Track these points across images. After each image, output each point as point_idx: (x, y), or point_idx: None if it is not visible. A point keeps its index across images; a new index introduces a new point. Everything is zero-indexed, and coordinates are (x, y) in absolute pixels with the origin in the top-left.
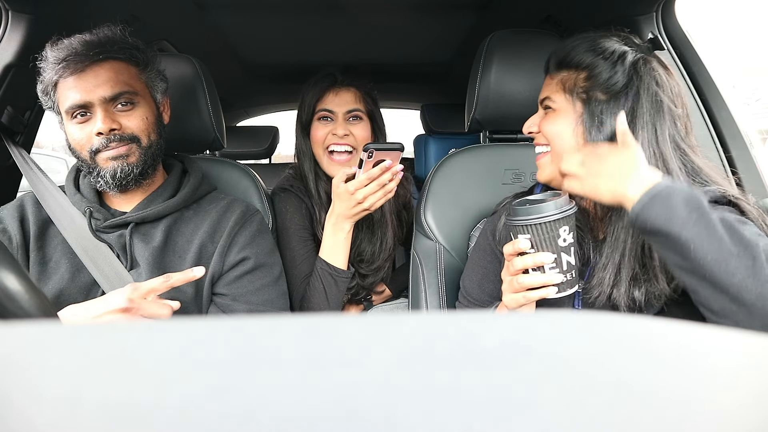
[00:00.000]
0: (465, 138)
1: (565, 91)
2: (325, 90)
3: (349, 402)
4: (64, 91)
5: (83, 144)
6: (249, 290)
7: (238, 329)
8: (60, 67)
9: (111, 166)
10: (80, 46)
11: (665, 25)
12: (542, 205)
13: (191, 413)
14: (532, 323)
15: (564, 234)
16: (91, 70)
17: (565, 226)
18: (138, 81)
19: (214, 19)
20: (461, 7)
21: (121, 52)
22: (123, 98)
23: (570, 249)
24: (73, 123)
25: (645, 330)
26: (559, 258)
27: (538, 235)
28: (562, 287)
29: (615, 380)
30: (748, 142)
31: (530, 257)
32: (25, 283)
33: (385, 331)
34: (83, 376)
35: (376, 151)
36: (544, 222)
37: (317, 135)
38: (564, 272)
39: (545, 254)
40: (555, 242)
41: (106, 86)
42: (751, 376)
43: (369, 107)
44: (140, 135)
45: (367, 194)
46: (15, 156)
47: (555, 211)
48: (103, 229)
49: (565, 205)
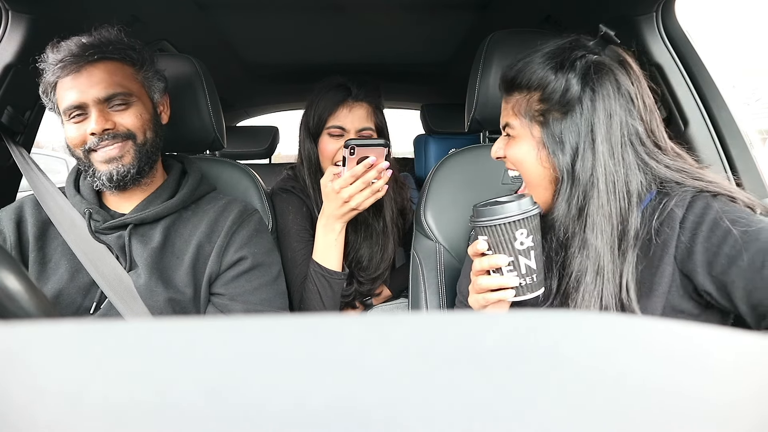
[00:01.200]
0: (465, 138)
1: (521, 115)
2: (338, 104)
3: (349, 402)
4: (62, 92)
5: (78, 143)
6: (246, 290)
7: (236, 329)
8: (57, 68)
9: (106, 169)
10: (76, 48)
11: (665, 25)
12: (500, 206)
13: (190, 413)
14: (532, 323)
15: (521, 237)
16: (86, 71)
17: (522, 229)
18: (133, 81)
19: (214, 19)
20: (461, 7)
21: (116, 52)
22: (117, 99)
23: (529, 252)
24: (71, 123)
25: (645, 330)
26: (517, 261)
27: (494, 237)
28: (520, 290)
29: (615, 380)
30: (748, 142)
31: (486, 259)
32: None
33: (385, 331)
34: (83, 376)
35: (357, 148)
36: (500, 224)
37: (327, 150)
38: (522, 275)
39: (500, 257)
40: (511, 244)
41: (100, 87)
42: (751, 377)
43: (378, 122)
44: (135, 131)
45: (353, 193)
46: (15, 156)
47: (512, 213)
48: (102, 231)
49: (526, 207)
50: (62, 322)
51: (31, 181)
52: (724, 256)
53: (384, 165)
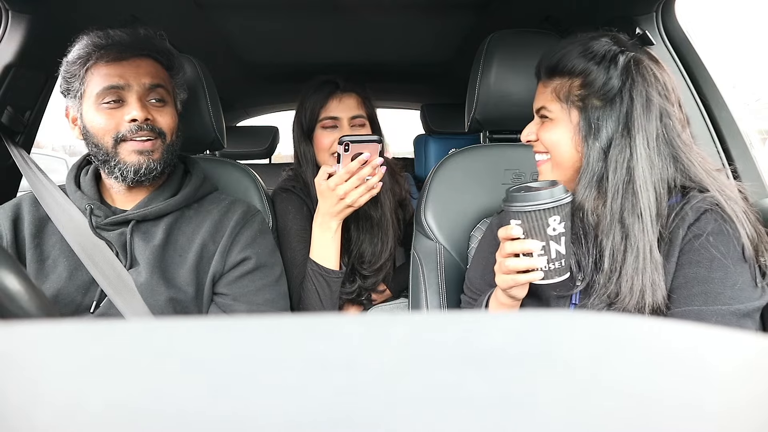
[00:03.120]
0: (465, 138)
1: (560, 100)
2: (327, 97)
3: (349, 402)
4: (100, 75)
5: (109, 130)
6: (250, 290)
7: (238, 329)
8: (101, 52)
9: (136, 160)
10: (126, 37)
11: (665, 25)
12: (535, 193)
13: (191, 413)
14: (532, 323)
15: (554, 223)
16: (132, 61)
17: (556, 215)
18: (169, 84)
19: (214, 19)
20: (461, 7)
21: (161, 54)
22: (158, 92)
23: (560, 238)
24: (102, 108)
25: (645, 330)
26: (548, 246)
27: (528, 222)
28: (549, 274)
29: (615, 380)
30: (748, 142)
31: (519, 243)
32: (25, 283)
33: (385, 331)
34: (83, 376)
35: (352, 144)
36: (535, 210)
37: (323, 142)
38: (552, 260)
39: (533, 242)
40: (544, 230)
41: (147, 77)
42: (752, 378)
43: (369, 111)
44: (167, 132)
45: (348, 190)
46: (15, 156)
47: (548, 200)
48: (104, 227)
49: (559, 195)
50: (62, 322)
51: (31, 180)
52: (695, 266)
53: (378, 161)
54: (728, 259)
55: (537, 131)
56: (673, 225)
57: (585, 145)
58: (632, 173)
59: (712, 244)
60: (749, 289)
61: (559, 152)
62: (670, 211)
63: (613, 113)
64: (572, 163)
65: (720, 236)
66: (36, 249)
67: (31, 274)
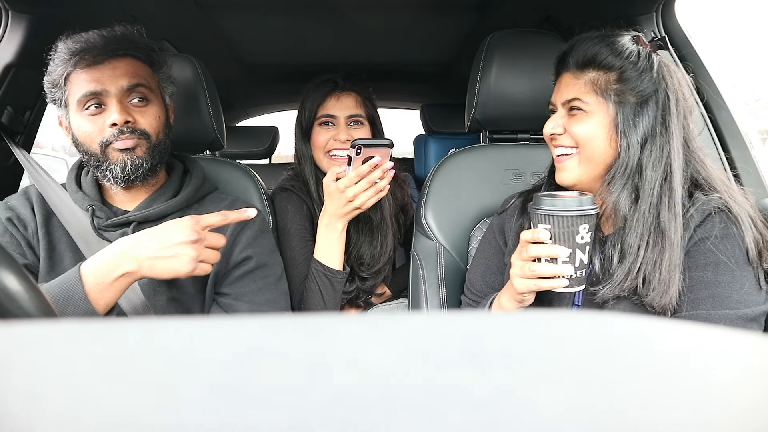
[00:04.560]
0: (465, 138)
1: (597, 93)
2: (326, 95)
3: (349, 402)
4: (78, 82)
5: (94, 136)
6: (251, 290)
7: (240, 329)
8: (76, 58)
9: (121, 158)
10: (99, 40)
11: (665, 25)
12: (568, 199)
13: (191, 413)
14: (532, 323)
15: (583, 232)
16: (109, 63)
17: (585, 224)
18: (152, 80)
19: (214, 19)
20: (461, 7)
21: (139, 51)
22: (138, 92)
23: (585, 248)
24: (85, 115)
25: (645, 330)
26: (574, 254)
27: (558, 227)
28: (572, 283)
29: (615, 380)
30: (748, 142)
31: (546, 247)
32: (25, 283)
33: (385, 331)
34: (84, 376)
35: (364, 148)
36: (568, 216)
37: (319, 140)
38: (576, 269)
39: (561, 248)
40: (573, 238)
41: (124, 78)
42: (753, 378)
43: (369, 112)
44: (151, 132)
45: (357, 192)
46: (17, 155)
47: (579, 208)
48: (105, 228)
49: (590, 204)
50: (62, 322)
51: (34, 177)
52: (701, 269)
53: (388, 165)
54: (734, 262)
55: (564, 124)
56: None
57: (623, 140)
58: (670, 170)
59: (718, 248)
60: (755, 292)
61: (592, 146)
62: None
63: (650, 111)
64: (603, 159)
65: (726, 239)
66: (45, 238)
67: (45, 262)
